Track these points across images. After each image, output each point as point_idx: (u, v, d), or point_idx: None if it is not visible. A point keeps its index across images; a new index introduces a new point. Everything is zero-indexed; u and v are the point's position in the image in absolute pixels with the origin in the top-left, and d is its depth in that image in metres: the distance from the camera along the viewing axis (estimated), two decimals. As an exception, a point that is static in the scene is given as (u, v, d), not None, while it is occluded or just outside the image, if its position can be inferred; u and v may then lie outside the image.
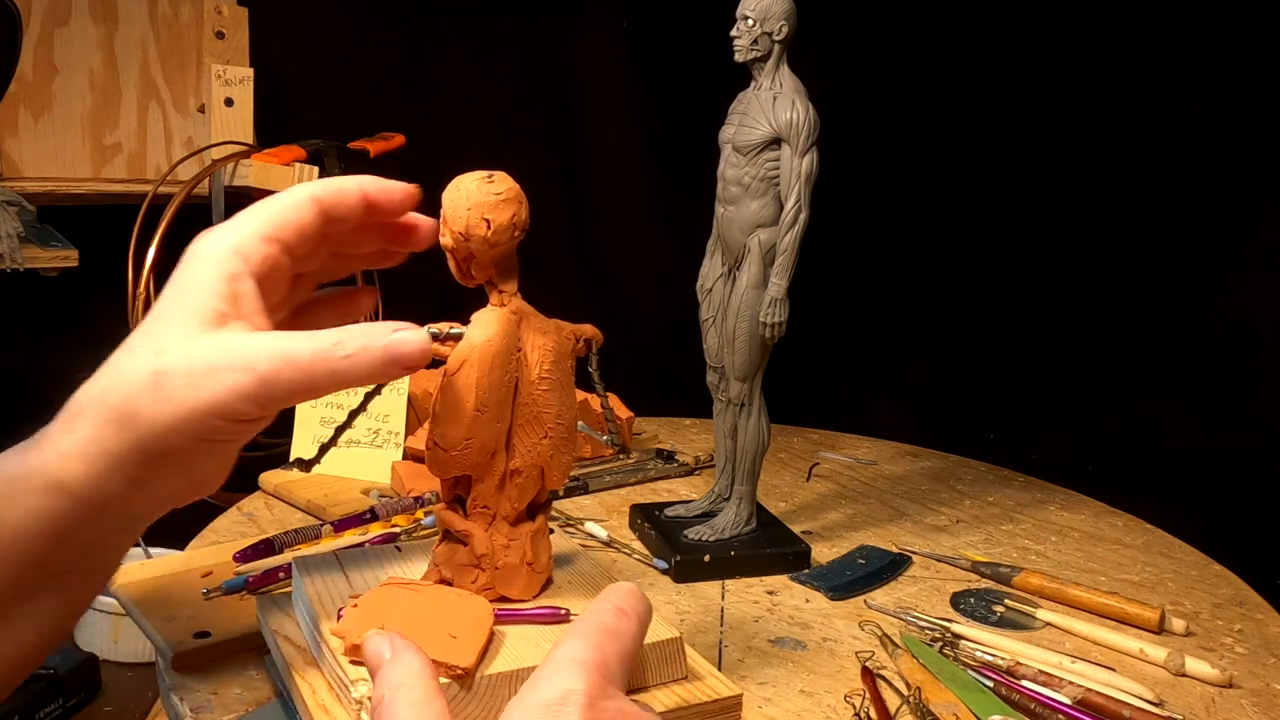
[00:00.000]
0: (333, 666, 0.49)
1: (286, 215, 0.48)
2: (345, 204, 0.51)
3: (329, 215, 0.50)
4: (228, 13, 1.26)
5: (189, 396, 0.42)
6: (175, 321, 0.44)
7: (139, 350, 0.44)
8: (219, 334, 0.44)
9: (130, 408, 0.42)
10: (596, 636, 0.40)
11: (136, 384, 0.42)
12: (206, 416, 0.42)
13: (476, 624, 0.50)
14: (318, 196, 0.50)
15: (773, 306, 0.79)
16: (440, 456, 0.53)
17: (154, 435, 0.42)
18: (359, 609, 0.50)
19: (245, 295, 0.46)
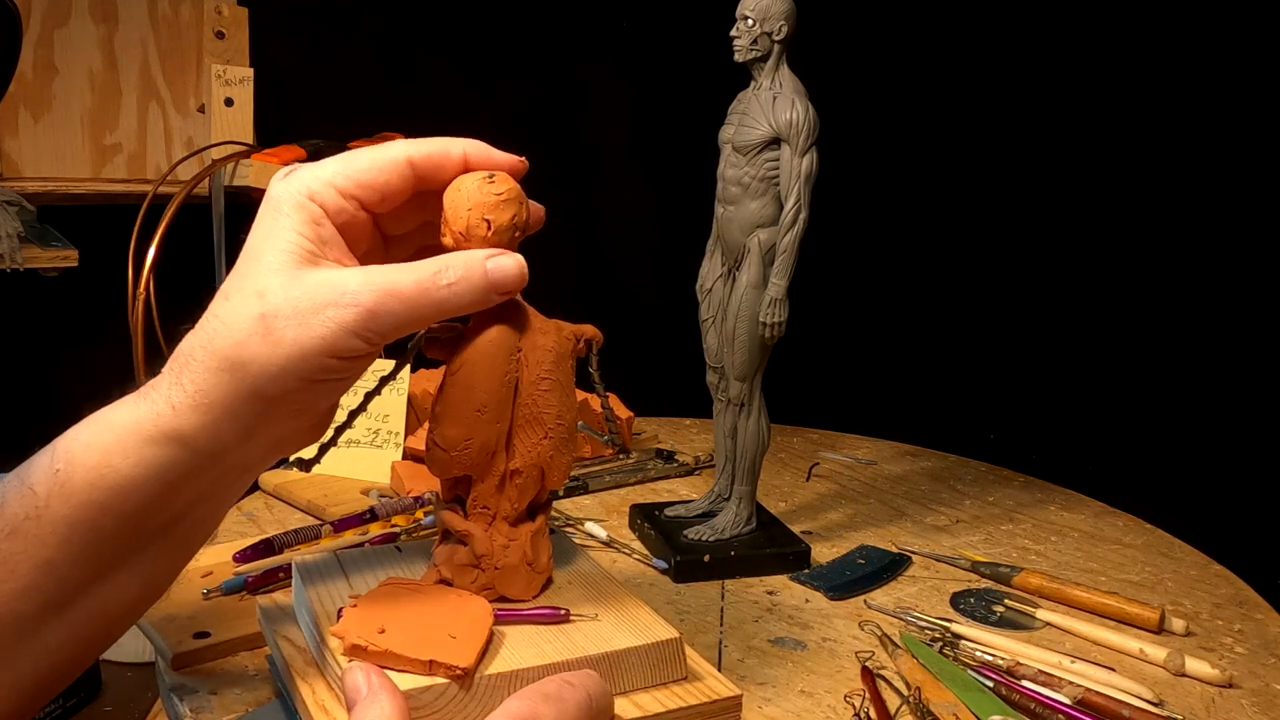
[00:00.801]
0: (333, 667, 0.49)
1: (371, 174, 0.47)
2: (446, 169, 0.49)
3: (425, 178, 0.49)
4: (228, 13, 1.26)
5: (299, 337, 0.42)
6: (270, 262, 0.44)
7: (239, 294, 0.43)
8: (317, 271, 0.44)
9: (240, 354, 0.42)
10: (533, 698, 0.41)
11: (244, 330, 0.42)
12: (318, 355, 0.42)
13: (476, 624, 0.50)
14: (415, 159, 0.48)
15: (772, 306, 0.79)
16: (440, 457, 0.53)
17: (268, 379, 0.42)
18: (359, 609, 0.50)
19: (330, 239, 0.45)
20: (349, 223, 0.47)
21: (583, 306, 0.61)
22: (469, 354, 0.52)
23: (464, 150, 0.50)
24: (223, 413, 0.42)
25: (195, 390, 0.42)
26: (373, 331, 0.43)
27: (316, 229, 0.45)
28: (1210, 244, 1.39)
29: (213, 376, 0.42)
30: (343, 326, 0.42)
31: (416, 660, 0.47)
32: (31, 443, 0.44)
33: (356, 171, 0.47)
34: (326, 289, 0.43)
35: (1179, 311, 1.42)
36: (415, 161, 0.48)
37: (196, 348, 0.43)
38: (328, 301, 0.42)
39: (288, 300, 0.42)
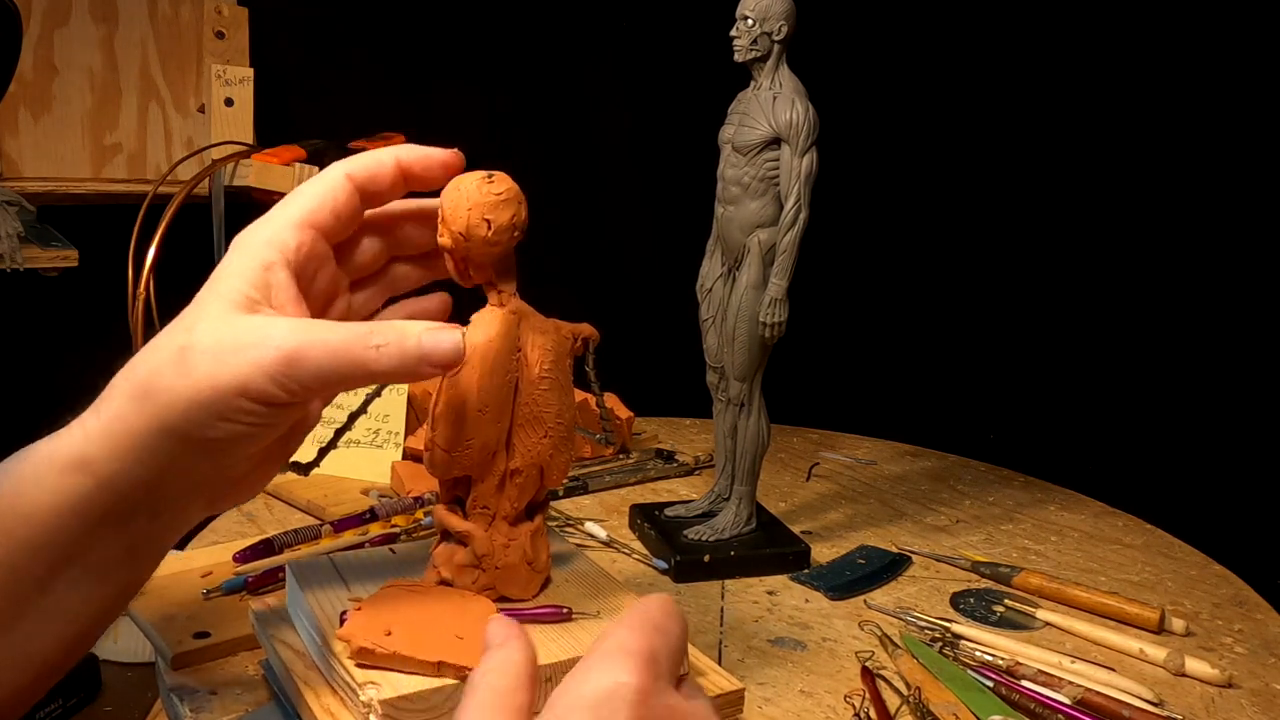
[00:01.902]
0: (338, 671, 0.49)
1: (320, 198, 0.48)
2: (381, 176, 0.50)
3: (365, 190, 0.50)
4: (228, 13, 1.26)
5: (213, 371, 0.42)
6: (209, 305, 0.44)
7: (171, 331, 0.44)
8: (249, 316, 0.44)
9: (153, 383, 0.42)
10: (645, 629, 0.37)
11: (162, 360, 0.42)
12: (228, 393, 0.42)
13: (481, 624, 0.50)
14: (351, 172, 0.49)
15: (772, 306, 0.79)
16: (440, 458, 0.53)
17: (174, 410, 0.42)
18: (363, 612, 0.50)
19: (278, 285, 0.45)
20: (309, 257, 0.47)
21: (583, 306, 0.61)
22: (469, 355, 0.52)
23: (395, 155, 0.51)
24: (129, 441, 0.42)
25: (108, 416, 0.42)
26: (290, 378, 0.42)
27: (265, 274, 0.45)
28: (1210, 244, 1.39)
29: (125, 404, 0.42)
30: (259, 367, 0.42)
31: (425, 662, 0.47)
32: (32, 443, 0.44)
33: (307, 199, 0.48)
34: (252, 331, 0.43)
35: (1179, 312, 1.42)
36: (352, 174, 0.49)
37: (120, 377, 0.43)
38: (249, 342, 0.42)
39: (211, 336, 0.43)
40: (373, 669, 0.48)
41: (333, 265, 0.50)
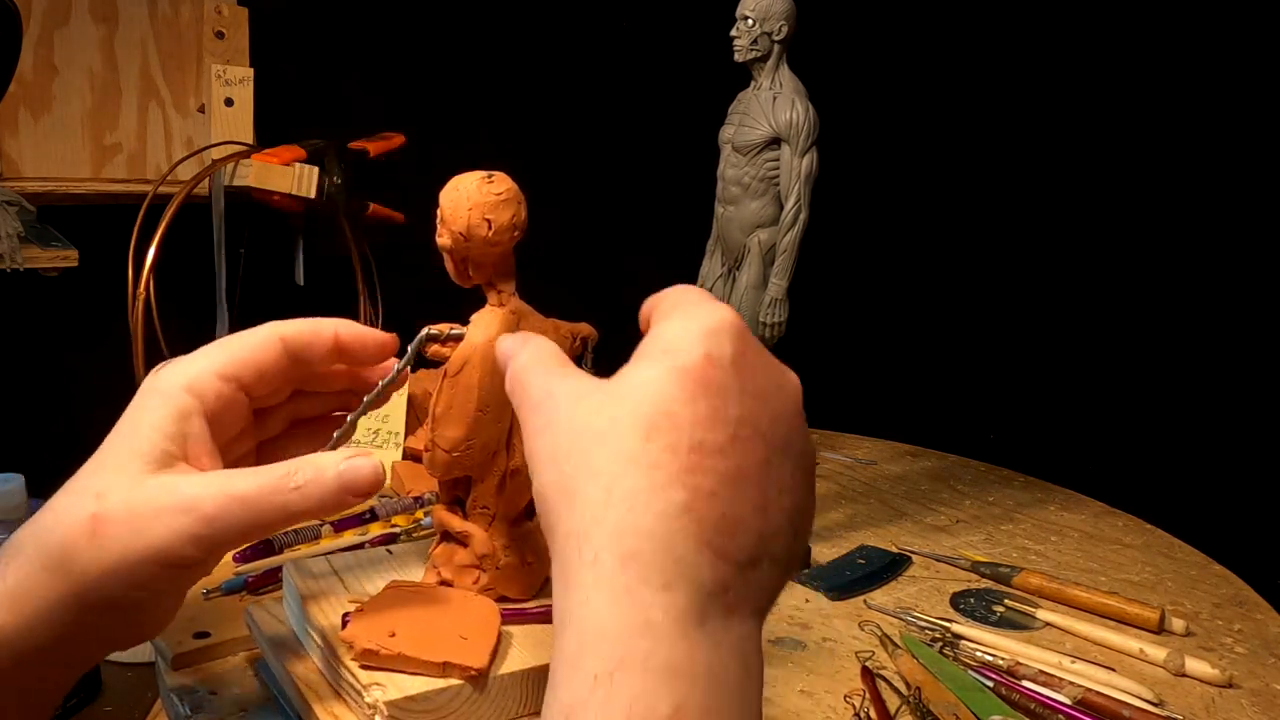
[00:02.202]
0: (342, 673, 0.49)
1: (248, 354, 0.47)
2: (315, 346, 0.50)
3: (296, 356, 0.49)
4: (228, 13, 1.26)
5: (130, 542, 0.40)
6: (118, 463, 0.43)
7: (79, 493, 0.42)
8: (162, 476, 0.42)
9: (66, 554, 0.40)
10: None
11: (74, 529, 0.40)
12: (146, 563, 0.41)
13: (485, 624, 0.50)
14: (286, 337, 0.49)
15: (772, 307, 0.79)
16: (440, 458, 0.53)
17: (89, 583, 0.40)
18: (366, 613, 0.50)
19: (194, 436, 0.44)
20: (228, 407, 0.47)
21: (583, 306, 0.61)
22: (471, 355, 0.52)
23: (335, 329, 0.50)
24: (39, 612, 0.40)
25: (14, 583, 0.40)
26: (209, 539, 0.42)
27: (182, 425, 0.44)
28: (1210, 245, 1.39)
29: (35, 574, 0.40)
30: (177, 534, 0.41)
31: (430, 663, 0.47)
32: (32, 442, 0.44)
33: (233, 352, 0.47)
34: (165, 494, 0.42)
35: (1178, 312, 1.42)
36: (287, 339, 0.49)
37: (25, 540, 0.41)
38: (164, 507, 0.41)
39: (124, 503, 0.41)
40: (377, 670, 0.48)
41: (249, 414, 0.49)
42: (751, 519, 0.34)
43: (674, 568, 0.32)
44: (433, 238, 0.52)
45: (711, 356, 0.35)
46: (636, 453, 0.33)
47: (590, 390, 0.37)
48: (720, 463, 0.33)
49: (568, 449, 0.35)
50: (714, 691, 0.31)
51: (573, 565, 0.33)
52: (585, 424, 0.35)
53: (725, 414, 0.34)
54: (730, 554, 0.33)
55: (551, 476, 0.35)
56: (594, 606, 0.32)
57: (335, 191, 1.18)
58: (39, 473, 0.80)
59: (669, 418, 0.34)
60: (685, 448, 0.33)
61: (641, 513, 0.32)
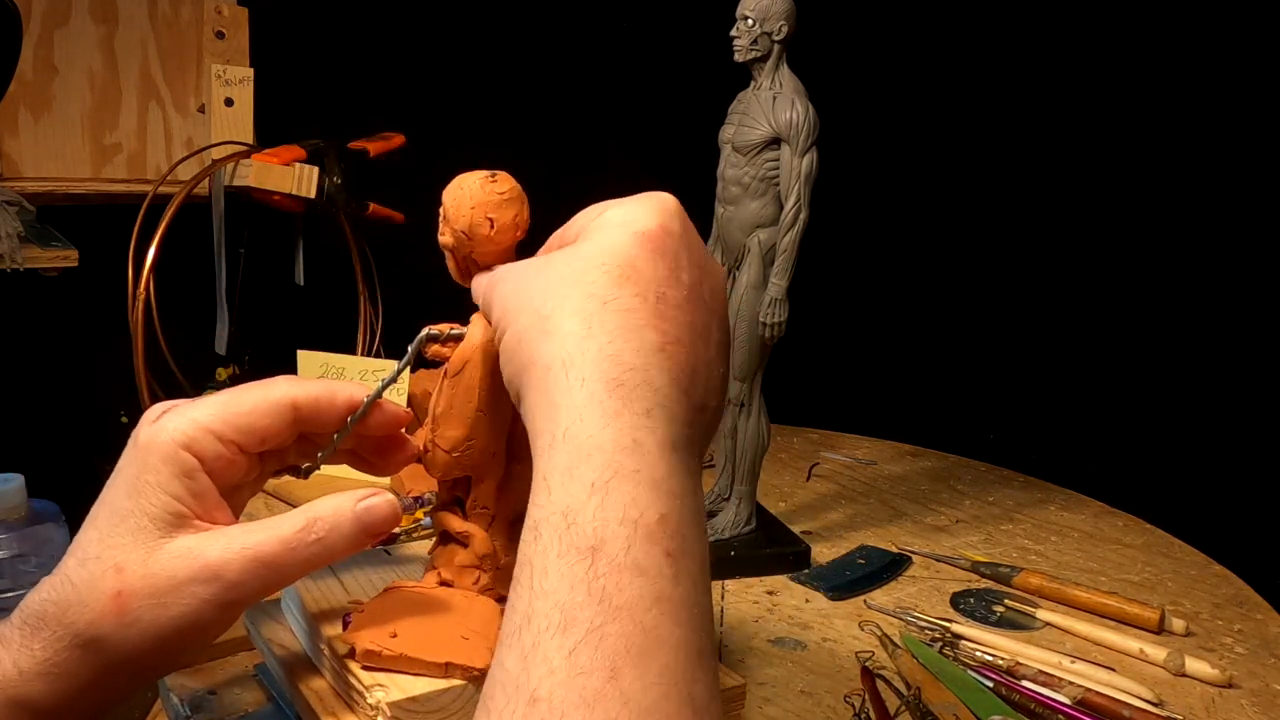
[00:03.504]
0: (343, 674, 0.49)
1: (252, 421, 0.45)
2: (326, 412, 0.48)
3: (306, 423, 0.48)
4: (228, 13, 1.26)
5: (156, 618, 0.40)
6: (132, 530, 0.42)
7: (97, 563, 0.41)
8: (179, 540, 0.42)
9: (94, 633, 0.40)
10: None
11: (100, 608, 0.40)
12: (174, 635, 0.41)
13: (486, 624, 0.50)
14: (298, 403, 0.47)
15: (772, 306, 0.79)
16: (441, 458, 0.53)
17: (120, 659, 0.41)
18: (367, 614, 0.50)
19: (202, 491, 0.43)
20: (228, 464, 0.45)
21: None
22: (470, 354, 0.52)
23: (349, 396, 0.49)
24: (72, 684, 0.41)
25: (44, 659, 0.40)
26: (236, 602, 0.42)
27: (188, 484, 0.43)
28: (1209, 245, 1.39)
29: (64, 650, 0.40)
30: (203, 603, 0.41)
31: (433, 663, 0.47)
32: (32, 442, 0.43)
33: (238, 416, 0.45)
34: (186, 563, 0.41)
35: (1178, 312, 1.42)
36: (300, 405, 0.47)
37: (50, 615, 0.41)
38: (188, 577, 0.41)
39: (145, 578, 0.41)
40: (379, 671, 0.47)
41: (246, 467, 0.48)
42: (703, 369, 0.39)
43: (653, 397, 0.36)
44: (434, 237, 0.52)
45: (666, 227, 0.40)
46: (609, 296, 0.37)
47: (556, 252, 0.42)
48: (680, 315, 0.38)
49: (543, 292, 0.39)
50: (687, 511, 0.35)
51: (560, 388, 0.36)
52: (558, 272, 0.40)
53: (679, 277, 0.39)
54: (693, 396, 0.38)
55: (528, 320, 0.39)
56: (588, 424, 0.35)
57: (335, 191, 1.18)
58: (39, 473, 0.80)
59: (635, 270, 0.38)
60: (653, 297, 0.38)
61: (621, 346, 0.36)
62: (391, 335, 1.33)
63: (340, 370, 0.99)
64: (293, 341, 1.02)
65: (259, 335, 1.29)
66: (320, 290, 1.31)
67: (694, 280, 0.40)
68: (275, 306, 1.29)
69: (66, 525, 0.76)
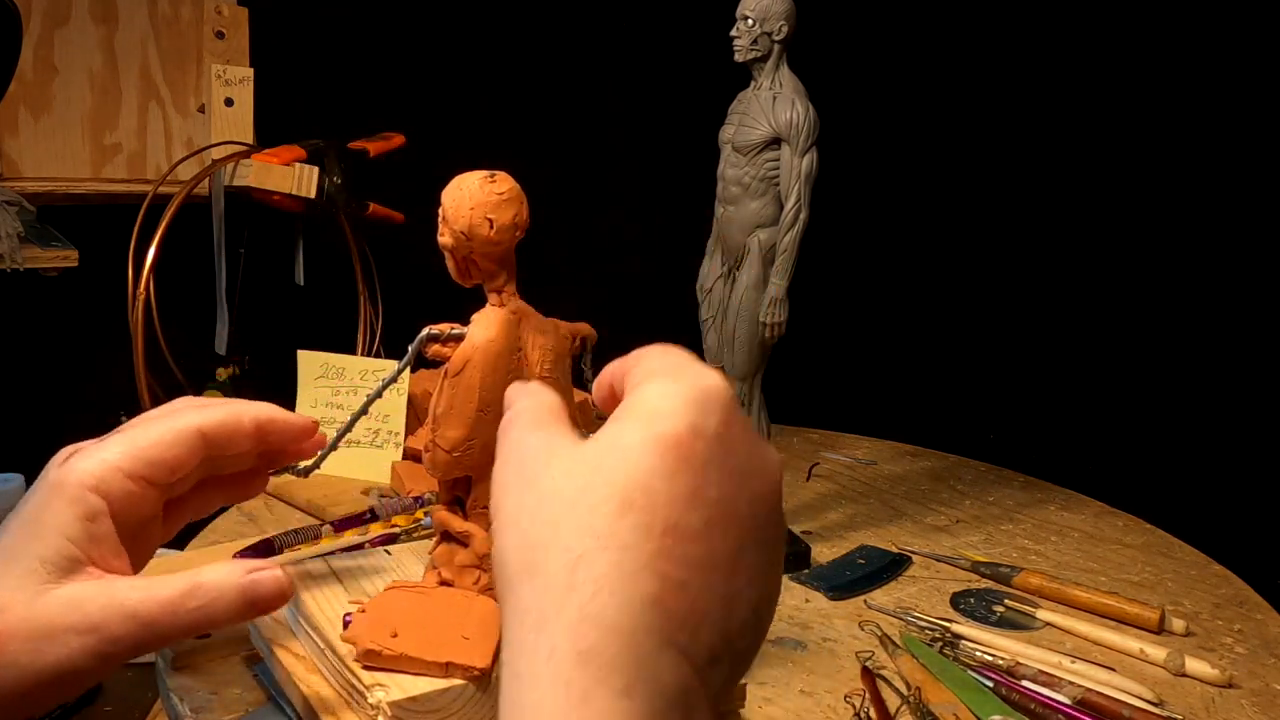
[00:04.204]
0: (343, 673, 0.49)
1: (162, 452, 0.45)
2: (236, 437, 0.49)
3: (215, 449, 0.48)
4: (228, 13, 1.26)
5: (30, 661, 0.40)
6: (21, 571, 0.42)
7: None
8: (65, 588, 0.42)
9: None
10: None
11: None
12: (47, 682, 0.41)
13: (486, 624, 0.50)
14: (205, 431, 0.47)
15: (773, 306, 0.79)
16: (441, 458, 0.53)
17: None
18: (367, 614, 0.50)
19: (101, 536, 0.43)
20: (136, 502, 0.45)
21: (583, 306, 0.61)
22: (472, 355, 0.52)
23: (254, 416, 0.49)
24: None
25: None
26: (111, 655, 0.42)
27: (89, 527, 0.43)
28: (1209, 245, 1.39)
29: None
30: (79, 653, 0.41)
31: (433, 662, 0.47)
32: (32, 443, 0.43)
33: (146, 450, 0.45)
34: (68, 613, 0.41)
35: (1178, 312, 1.42)
36: (207, 432, 0.47)
37: None
38: (67, 626, 0.41)
39: (26, 621, 0.41)
40: (379, 671, 0.47)
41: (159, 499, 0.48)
42: (718, 613, 0.32)
43: (635, 669, 0.30)
44: (434, 237, 0.52)
45: (696, 427, 0.33)
46: (607, 530, 0.31)
47: (566, 449, 0.34)
48: (694, 549, 0.32)
49: (534, 513, 0.33)
50: None
51: (526, 651, 0.31)
52: (555, 488, 0.33)
53: (704, 494, 0.32)
54: (694, 654, 0.31)
55: (513, 540, 0.33)
56: (547, 709, 0.29)
57: (335, 191, 1.18)
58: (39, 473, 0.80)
59: (646, 493, 0.31)
60: (659, 529, 0.31)
61: (606, 602, 0.30)
62: (391, 335, 1.33)
63: (340, 370, 0.99)
64: (293, 341, 1.02)
65: (259, 335, 1.29)
66: (320, 290, 1.31)
67: (727, 494, 0.33)
68: (275, 306, 1.29)
69: (66, 525, 0.76)
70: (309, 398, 0.99)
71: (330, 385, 0.99)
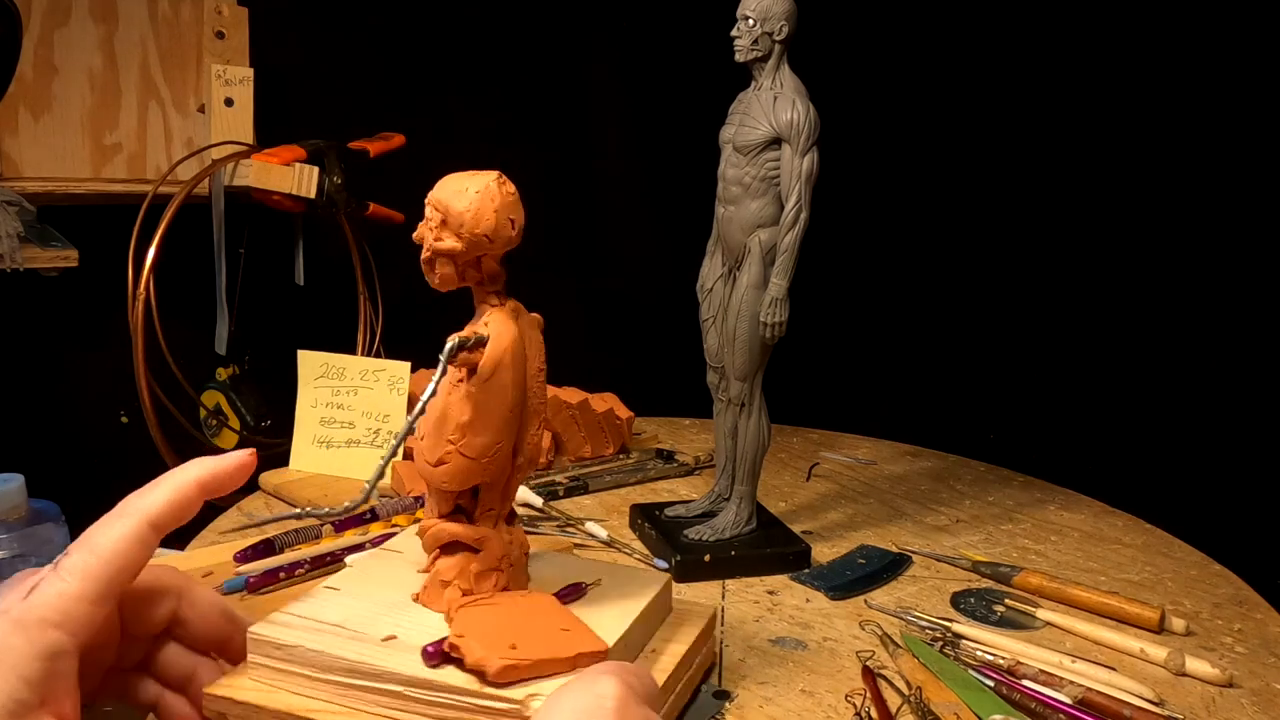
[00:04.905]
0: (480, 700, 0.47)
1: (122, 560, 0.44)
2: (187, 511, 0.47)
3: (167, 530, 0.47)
4: (228, 13, 1.26)
5: None
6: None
7: None
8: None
9: None
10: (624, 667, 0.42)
11: None
12: None
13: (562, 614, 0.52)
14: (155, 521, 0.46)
15: (773, 306, 0.79)
16: (465, 467, 0.52)
17: None
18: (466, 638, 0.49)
19: (59, 674, 0.42)
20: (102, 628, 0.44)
21: (582, 306, 0.61)
22: (501, 356, 0.51)
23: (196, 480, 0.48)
24: None
25: None
26: None
27: (48, 666, 0.42)
28: (1209, 245, 1.39)
29: None
30: None
31: (562, 659, 0.48)
32: (32, 442, 0.43)
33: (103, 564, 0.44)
34: None
35: (1178, 312, 1.42)
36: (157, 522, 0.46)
37: None
38: None
39: None
40: (516, 685, 0.47)
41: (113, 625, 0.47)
42: None
43: None
44: None
45: None
46: None
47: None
48: None
49: None
50: None
51: None
52: None
53: None
54: None
55: None
56: None
57: (335, 191, 1.18)
58: (39, 473, 0.80)
59: None
60: None
61: None
62: (391, 335, 1.33)
63: (341, 370, 0.99)
64: (293, 341, 1.02)
65: (259, 335, 1.29)
66: (320, 290, 1.31)
67: None
68: (275, 306, 1.29)
69: (66, 525, 0.76)
70: (309, 397, 0.99)
71: (330, 385, 0.99)
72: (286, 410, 1.01)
